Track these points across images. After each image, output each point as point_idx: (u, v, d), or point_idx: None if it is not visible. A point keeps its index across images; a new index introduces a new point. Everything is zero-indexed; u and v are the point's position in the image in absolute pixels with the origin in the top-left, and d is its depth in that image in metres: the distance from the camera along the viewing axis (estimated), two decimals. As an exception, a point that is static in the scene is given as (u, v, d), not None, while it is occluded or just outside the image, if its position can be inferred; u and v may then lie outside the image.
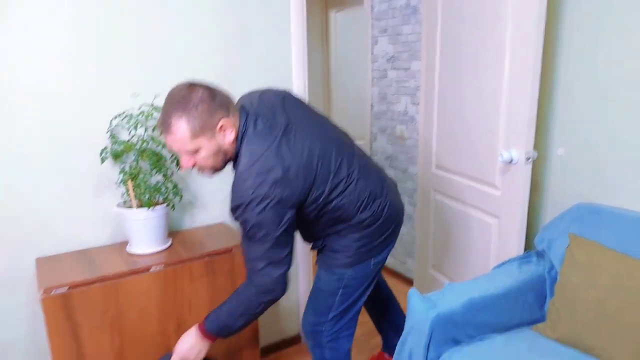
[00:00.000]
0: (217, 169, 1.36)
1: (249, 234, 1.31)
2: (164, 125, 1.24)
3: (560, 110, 1.93)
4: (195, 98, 1.23)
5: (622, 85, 1.71)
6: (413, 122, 2.84)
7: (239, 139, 1.32)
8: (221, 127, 1.27)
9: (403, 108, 2.91)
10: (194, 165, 1.31)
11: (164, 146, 1.67)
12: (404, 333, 1.61)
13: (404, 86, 2.88)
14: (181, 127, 1.22)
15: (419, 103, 2.73)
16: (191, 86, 1.26)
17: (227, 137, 1.30)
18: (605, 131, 1.78)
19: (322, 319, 1.63)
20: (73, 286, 1.41)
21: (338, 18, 3.69)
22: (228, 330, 1.42)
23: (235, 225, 2.03)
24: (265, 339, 2.24)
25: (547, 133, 1.99)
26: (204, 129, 1.24)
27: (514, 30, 1.82)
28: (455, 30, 2.17)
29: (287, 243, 1.36)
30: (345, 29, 3.61)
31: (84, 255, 1.63)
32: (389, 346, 2.04)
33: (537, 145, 1.92)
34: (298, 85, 2.08)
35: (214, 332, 1.42)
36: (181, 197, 1.73)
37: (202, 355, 1.46)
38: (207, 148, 1.27)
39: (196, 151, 1.27)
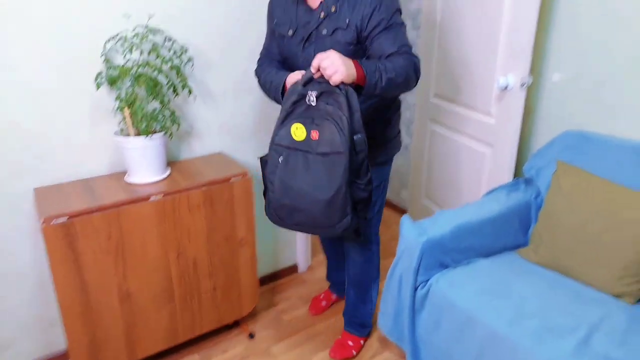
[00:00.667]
0: None
1: (398, 21, 1.45)
2: None
3: (559, 35, 1.88)
4: None
5: (630, 9, 1.66)
6: (413, 48, 2.76)
7: None
8: None
9: (402, 33, 2.82)
10: None
11: (160, 71, 1.65)
12: (395, 258, 1.70)
13: (405, 8, 2.77)
14: None
15: (420, 27, 2.64)
16: None
17: None
18: (604, 58, 1.75)
19: (370, 214, 1.75)
20: (73, 215, 1.45)
21: None
22: (379, 75, 1.36)
23: (233, 155, 2.06)
24: (263, 270, 2.36)
25: (543, 58, 1.96)
26: None
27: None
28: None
29: None
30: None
31: (83, 185, 1.66)
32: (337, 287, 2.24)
33: (532, 71, 1.89)
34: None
35: (365, 67, 1.35)
36: (179, 125, 1.74)
37: (343, 73, 1.30)
38: None
39: None
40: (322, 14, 1.46)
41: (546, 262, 1.67)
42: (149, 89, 1.61)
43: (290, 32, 1.54)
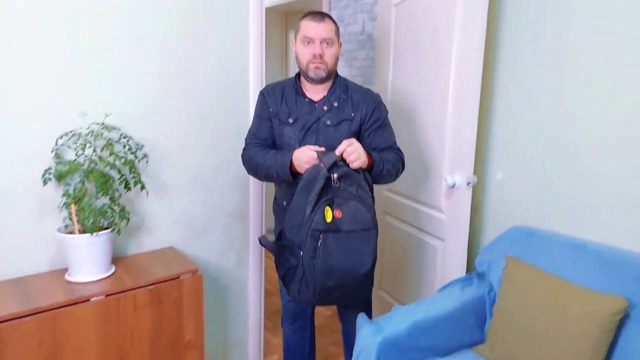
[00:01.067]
0: (329, 72, 1.66)
1: (388, 121, 1.74)
2: (320, 15, 1.63)
3: (499, 137, 2.03)
4: None
5: (555, 115, 1.83)
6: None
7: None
8: (340, 44, 1.70)
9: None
10: (321, 57, 1.62)
11: (112, 167, 1.64)
12: (353, 358, 1.64)
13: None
14: (332, 22, 1.65)
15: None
16: None
17: (339, 54, 1.70)
18: (540, 157, 1.89)
19: None
20: (2, 320, 1.33)
21: (295, 39, 3.74)
22: (382, 165, 1.62)
23: (184, 250, 2.01)
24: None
25: (486, 159, 2.09)
26: (337, 34, 1.67)
27: (456, 64, 1.92)
28: (406, 60, 2.26)
29: None
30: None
31: (18, 284, 1.55)
32: None
33: (477, 171, 2.01)
34: (255, 99, 2.09)
35: (374, 158, 1.60)
36: (128, 220, 1.70)
37: (364, 161, 1.53)
38: (335, 48, 1.66)
39: (330, 44, 1.63)
40: (325, 107, 1.65)
41: (502, 359, 1.64)
42: (99, 184, 1.58)
43: (291, 120, 1.67)
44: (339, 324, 2.05)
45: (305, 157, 1.54)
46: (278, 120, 1.71)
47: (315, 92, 1.70)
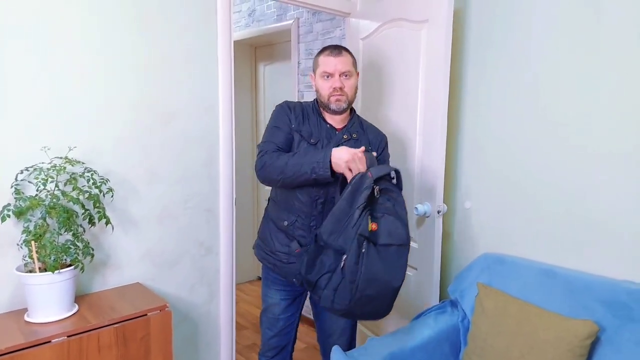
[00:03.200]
0: (349, 103, 1.71)
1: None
2: (337, 50, 1.68)
3: (466, 167, 2.09)
4: None
5: (520, 144, 1.89)
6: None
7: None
8: (358, 74, 1.76)
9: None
10: (341, 89, 1.66)
11: (75, 202, 1.58)
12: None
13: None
14: (348, 54, 1.71)
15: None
16: None
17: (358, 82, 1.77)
18: (507, 185, 1.94)
19: None
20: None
21: (267, 71, 3.79)
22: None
23: (152, 286, 1.94)
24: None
25: (454, 187, 2.14)
26: (355, 65, 1.73)
27: (424, 96, 1.98)
28: (374, 92, 2.31)
29: None
30: (274, 81, 3.71)
31: (-27, 326, 1.46)
32: None
33: (446, 199, 2.05)
34: (225, 133, 2.09)
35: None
36: (92, 256, 1.63)
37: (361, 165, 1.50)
38: (354, 79, 1.71)
39: (349, 76, 1.68)
40: (345, 136, 1.70)
41: (478, 389, 1.63)
42: (61, 220, 1.52)
43: (313, 141, 1.69)
44: (313, 357, 2.00)
45: (347, 154, 1.51)
46: (300, 136, 1.69)
47: (334, 121, 1.73)
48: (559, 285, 1.67)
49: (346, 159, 1.51)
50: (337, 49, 1.68)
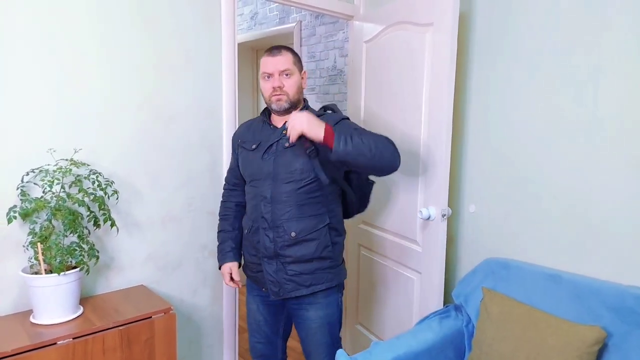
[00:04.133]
0: (291, 102, 1.66)
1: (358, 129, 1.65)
2: (277, 49, 1.66)
3: (471, 170, 2.09)
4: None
5: (526, 148, 1.89)
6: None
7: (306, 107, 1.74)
8: (304, 73, 1.73)
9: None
10: (280, 88, 1.63)
11: (81, 204, 1.58)
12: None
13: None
14: (289, 53, 1.67)
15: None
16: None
17: (304, 83, 1.73)
18: (512, 189, 1.94)
19: None
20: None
21: (268, 73, 3.79)
22: (347, 142, 1.45)
23: (155, 289, 1.94)
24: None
25: (459, 191, 2.14)
26: (297, 64, 1.69)
27: (428, 101, 1.98)
28: (378, 96, 2.31)
29: None
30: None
31: (-22, 328, 1.45)
32: None
33: (450, 203, 2.05)
34: (228, 136, 2.09)
35: (335, 132, 1.47)
36: (97, 259, 1.63)
37: (304, 126, 1.45)
38: (295, 77, 1.66)
39: (289, 75, 1.64)
40: (285, 131, 1.60)
41: (483, 394, 1.63)
42: (67, 222, 1.52)
43: (254, 146, 1.71)
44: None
45: (225, 277, 1.81)
46: (244, 150, 1.75)
47: (280, 121, 1.70)
48: (565, 291, 1.66)
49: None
50: (276, 49, 1.65)
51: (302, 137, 1.49)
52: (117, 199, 1.76)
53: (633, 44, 1.56)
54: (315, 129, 1.45)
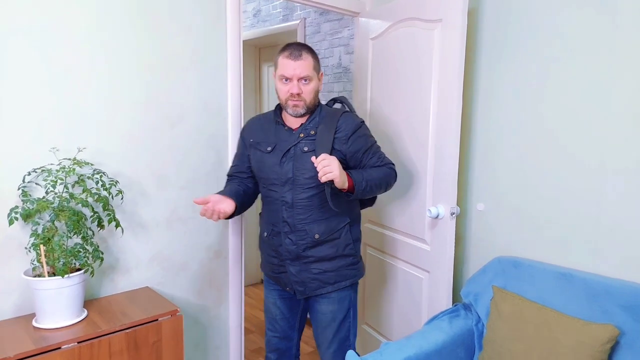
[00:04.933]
0: (308, 107, 1.66)
1: (373, 141, 1.74)
2: (297, 52, 1.61)
3: (479, 168, 2.06)
4: (313, 49, 1.69)
5: (534, 147, 1.86)
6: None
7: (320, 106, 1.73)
8: (321, 74, 1.71)
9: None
10: (299, 95, 1.62)
11: (84, 204, 1.55)
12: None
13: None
14: (309, 56, 1.63)
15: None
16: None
17: (321, 85, 1.71)
18: (521, 188, 1.91)
19: None
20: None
21: (271, 72, 3.75)
22: (365, 184, 1.62)
23: (161, 290, 1.91)
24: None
25: (466, 189, 2.11)
26: (316, 67, 1.67)
27: (437, 99, 1.95)
28: (384, 93, 2.28)
29: None
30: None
31: (-19, 332, 1.42)
32: None
33: (458, 201, 2.02)
34: (234, 135, 2.06)
35: (355, 178, 1.60)
36: (102, 260, 1.60)
37: (337, 177, 1.51)
38: (314, 83, 1.65)
39: (308, 81, 1.62)
40: (302, 135, 1.65)
41: (496, 395, 1.60)
42: (71, 223, 1.49)
43: (269, 149, 1.69)
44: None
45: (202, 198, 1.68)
46: (258, 151, 1.72)
47: (294, 121, 1.70)
48: (576, 289, 1.64)
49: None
50: (297, 51, 1.61)
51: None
52: (122, 199, 1.73)
53: (648, 38, 1.53)
54: (343, 180, 1.55)
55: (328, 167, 1.49)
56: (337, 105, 1.83)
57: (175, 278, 1.96)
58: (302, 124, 1.68)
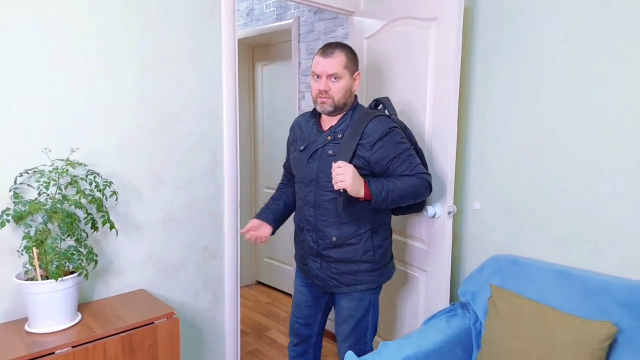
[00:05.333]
0: (336, 106, 1.64)
1: (404, 147, 1.66)
2: (330, 49, 1.62)
3: (475, 167, 2.05)
4: (351, 48, 1.70)
5: (529, 146, 1.86)
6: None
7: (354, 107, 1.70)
8: (358, 74, 1.69)
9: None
10: (326, 92, 1.62)
11: (78, 206, 1.52)
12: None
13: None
14: (342, 54, 1.63)
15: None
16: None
17: (356, 85, 1.69)
18: (517, 186, 1.91)
19: None
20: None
21: (265, 72, 3.73)
22: (385, 194, 1.56)
23: (156, 292, 1.88)
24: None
25: (463, 188, 2.10)
26: (350, 66, 1.65)
27: (433, 97, 1.94)
28: (380, 93, 2.26)
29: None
30: (272, 82, 3.66)
31: (-29, 338, 1.39)
32: None
33: (455, 200, 2.01)
34: (229, 135, 2.04)
35: (373, 188, 1.55)
36: (96, 263, 1.57)
37: (348, 185, 1.50)
38: (344, 81, 1.63)
39: (337, 79, 1.61)
40: (329, 137, 1.65)
41: (495, 394, 1.60)
42: (64, 225, 1.46)
43: (302, 148, 1.73)
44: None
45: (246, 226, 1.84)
46: (295, 149, 1.79)
47: (327, 122, 1.72)
48: (574, 287, 1.64)
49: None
50: (329, 48, 1.63)
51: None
52: (116, 200, 1.70)
53: (643, 36, 1.54)
54: (357, 189, 1.52)
55: (341, 176, 1.49)
56: (380, 107, 1.81)
57: (170, 280, 1.94)
58: (331, 125, 1.68)
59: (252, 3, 3.45)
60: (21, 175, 1.50)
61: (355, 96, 1.72)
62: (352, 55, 1.66)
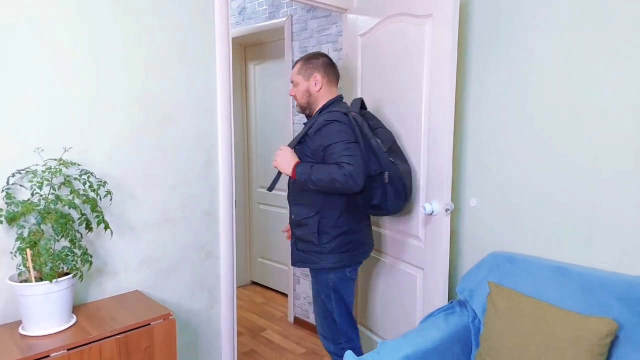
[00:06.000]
0: (301, 106, 1.97)
1: (335, 140, 1.78)
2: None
3: (471, 164, 2.05)
4: (313, 57, 1.95)
5: (524, 142, 1.87)
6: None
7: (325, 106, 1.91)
8: (313, 77, 1.91)
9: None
10: (295, 96, 1.97)
11: (72, 206, 1.49)
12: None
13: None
14: (298, 64, 1.96)
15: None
16: (319, 53, 1.98)
17: (313, 86, 1.92)
18: (513, 183, 1.91)
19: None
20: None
21: (257, 70, 3.71)
22: (306, 177, 1.77)
23: (151, 293, 1.86)
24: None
25: (459, 185, 2.10)
26: (302, 72, 1.93)
27: (429, 94, 1.94)
28: (376, 92, 2.26)
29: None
30: (265, 81, 3.64)
31: (-37, 342, 1.36)
32: None
33: (451, 197, 2.01)
34: (224, 134, 2.02)
35: (298, 169, 1.80)
36: (91, 264, 1.54)
37: (279, 165, 1.86)
38: (300, 86, 1.94)
39: (294, 85, 1.95)
40: (304, 128, 1.93)
41: (495, 391, 1.60)
42: (58, 226, 1.43)
43: None
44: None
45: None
46: None
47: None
48: (573, 283, 1.64)
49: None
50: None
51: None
52: (110, 200, 1.68)
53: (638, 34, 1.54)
54: (284, 168, 1.83)
55: (276, 157, 1.84)
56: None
57: (165, 281, 1.91)
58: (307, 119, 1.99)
59: (243, 2, 3.43)
60: (13, 175, 1.47)
61: (339, 98, 1.94)
62: (305, 63, 1.93)
